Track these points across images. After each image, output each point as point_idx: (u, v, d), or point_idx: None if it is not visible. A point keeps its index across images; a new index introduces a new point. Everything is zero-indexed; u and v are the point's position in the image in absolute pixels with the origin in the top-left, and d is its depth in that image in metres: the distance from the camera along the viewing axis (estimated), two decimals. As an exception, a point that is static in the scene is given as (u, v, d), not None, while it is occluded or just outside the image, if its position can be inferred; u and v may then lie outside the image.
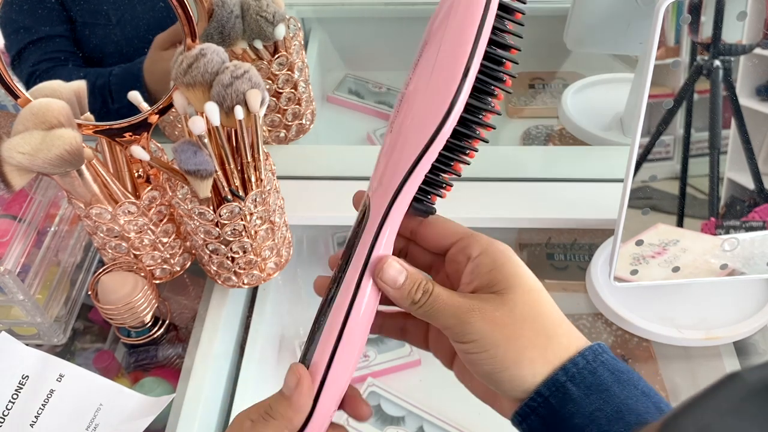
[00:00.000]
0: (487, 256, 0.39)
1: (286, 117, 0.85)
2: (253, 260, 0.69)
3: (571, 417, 0.36)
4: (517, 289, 0.38)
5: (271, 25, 0.73)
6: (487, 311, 0.37)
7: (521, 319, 0.37)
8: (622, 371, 0.37)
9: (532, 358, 0.37)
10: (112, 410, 0.65)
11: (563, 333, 0.38)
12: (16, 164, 0.54)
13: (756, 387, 0.25)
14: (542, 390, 0.36)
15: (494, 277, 0.38)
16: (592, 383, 0.36)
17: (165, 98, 0.64)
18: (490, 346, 0.37)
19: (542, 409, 0.36)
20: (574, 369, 0.36)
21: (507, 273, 0.38)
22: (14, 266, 0.65)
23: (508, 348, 0.36)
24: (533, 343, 0.37)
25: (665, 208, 0.65)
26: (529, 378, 0.37)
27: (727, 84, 0.60)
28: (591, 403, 0.35)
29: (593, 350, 0.37)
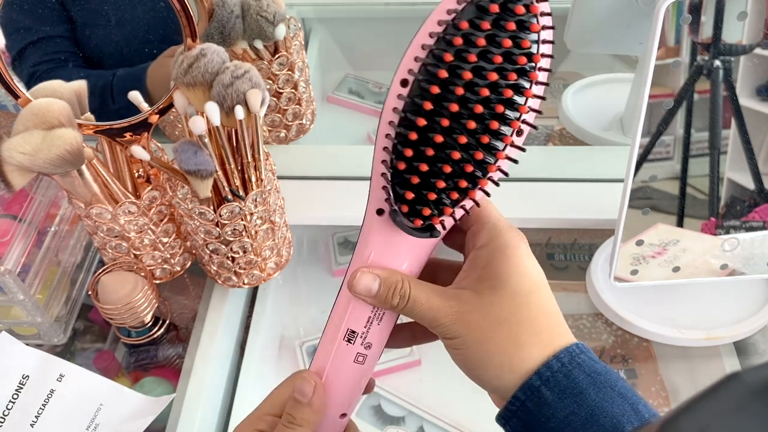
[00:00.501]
0: (485, 250, 0.39)
1: (286, 117, 0.85)
2: (253, 260, 0.69)
3: (547, 421, 0.36)
4: (500, 291, 0.38)
5: (272, 25, 0.73)
6: (463, 313, 0.38)
7: (495, 324, 0.37)
8: (599, 373, 0.37)
9: (500, 363, 0.37)
10: (112, 410, 0.65)
11: (542, 338, 0.38)
12: (16, 164, 0.54)
13: (756, 387, 0.25)
14: (518, 394, 0.37)
15: (485, 274, 0.38)
16: (567, 387, 0.36)
17: (165, 98, 0.64)
18: (463, 347, 0.38)
19: (521, 412, 0.37)
20: (548, 373, 0.37)
21: (497, 272, 0.38)
22: (14, 266, 0.65)
23: (477, 350, 0.38)
24: (502, 348, 0.37)
25: (665, 208, 0.65)
26: (494, 381, 0.38)
27: (727, 84, 0.60)
28: (565, 407, 0.36)
29: (570, 352, 0.37)
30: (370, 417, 0.74)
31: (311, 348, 0.81)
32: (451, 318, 0.38)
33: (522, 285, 0.38)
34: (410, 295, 0.39)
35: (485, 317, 0.37)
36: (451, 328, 0.38)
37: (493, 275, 0.38)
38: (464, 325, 0.38)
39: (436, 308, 0.38)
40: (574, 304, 0.83)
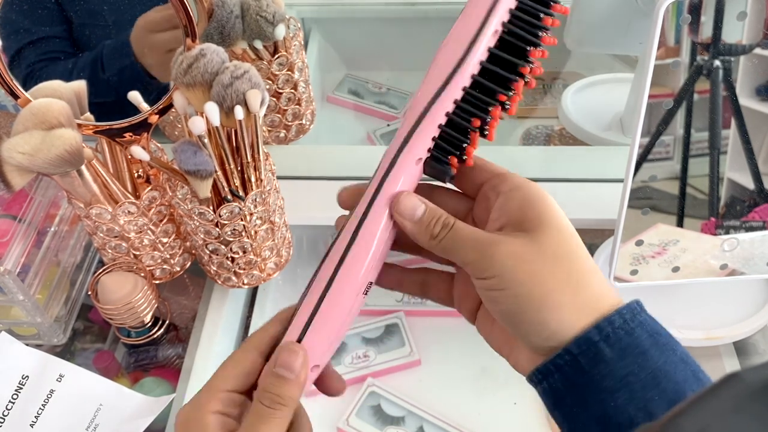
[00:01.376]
0: (518, 191, 0.36)
1: (286, 117, 0.85)
2: (253, 260, 0.69)
3: (601, 379, 0.33)
4: (548, 227, 0.34)
5: (271, 25, 0.73)
6: (513, 245, 0.34)
7: (551, 259, 0.34)
8: (660, 333, 0.34)
9: (560, 302, 0.33)
10: (112, 410, 0.65)
11: (596, 282, 0.35)
12: (16, 164, 0.54)
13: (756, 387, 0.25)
14: (572, 348, 0.33)
15: (524, 214, 0.35)
16: (629, 345, 0.33)
17: (165, 98, 0.64)
18: (514, 284, 0.34)
19: (568, 368, 0.33)
20: (609, 328, 0.33)
21: (539, 210, 0.35)
22: (14, 266, 0.65)
23: (533, 287, 0.33)
24: (562, 286, 0.34)
25: (665, 208, 0.65)
26: (553, 324, 0.33)
27: (727, 84, 0.60)
28: (625, 367, 0.33)
29: (631, 309, 0.34)
30: (370, 417, 0.74)
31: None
32: (499, 249, 0.34)
33: (567, 225, 0.35)
34: (454, 224, 0.36)
35: (539, 252, 0.34)
36: (498, 260, 0.34)
37: (537, 213, 0.35)
38: (515, 258, 0.34)
39: (480, 239, 0.35)
40: (574, 304, 0.83)
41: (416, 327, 0.82)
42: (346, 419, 0.74)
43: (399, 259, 0.43)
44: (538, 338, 0.34)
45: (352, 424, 0.74)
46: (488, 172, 0.38)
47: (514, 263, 0.34)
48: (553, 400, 0.35)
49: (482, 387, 0.77)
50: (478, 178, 0.38)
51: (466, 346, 0.81)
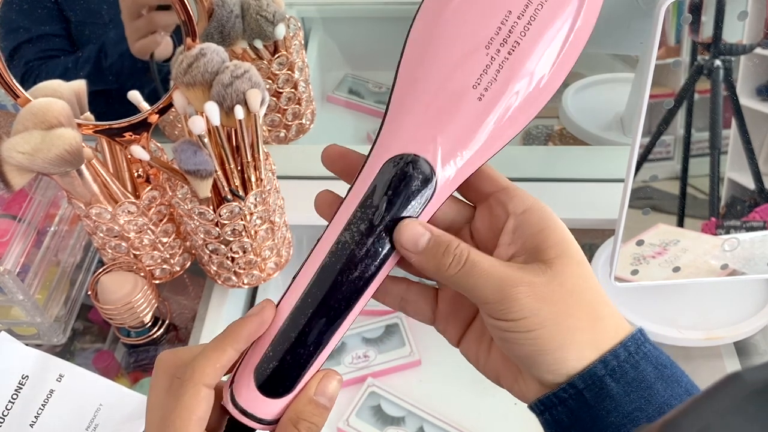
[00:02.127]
0: (533, 215, 0.34)
1: (286, 117, 0.85)
2: (253, 260, 0.69)
3: (606, 414, 0.32)
4: (567, 259, 0.33)
5: (271, 24, 0.73)
6: (537, 286, 0.32)
7: (570, 296, 0.32)
8: (665, 365, 0.33)
9: (581, 341, 0.32)
10: (112, 410, 0.65)
11: (608, 315, 0.33)
12: (15, 164, 0.54)
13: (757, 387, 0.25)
14: (576, 382, 0.32)
15: (542, 242, 0.33)
16: (634, 379, 0.32)
17: (165, 98, 0.64)
18: (536, 326, 0.32)
19: (572, 401, 0.33)
20: (615, 362, 0.32)
21: (557, 238, 0.33)
22: (14, 266, 0.65)
23: (555, 329, 0.32)
24: (582, 324, 0.32)
25: (666, 208, 0.65)
26: (572, 363, 0.32)
27: (727, 84, 0.60)
28: (631, 402, 0.32)
29: (635, 340, 0.33)
30: (370, 417, 0.74)
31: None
32: (524, 291, 0.32)
33: (581, 253, 0.34)
34: (469, 257, 0.33)
35: (560, 289, 0.32)
36: (523, 303, 0.32)
37: (555, 242, 0.33)
38: (540, 300, 0.32)
39: (503, 277, 0.32)
40: (575, 304, 0.83)
41: (416, 327, 0.82)
42: (346, 419, 0.74)
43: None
44: (551, 375, 0.33)
45: (352, 424, 0.73)
46: (495, 185, 0.36)
47: (540, 306, 0.32)
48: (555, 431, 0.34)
49: (482, 387, 0.77)
50: (484, 187, 0.36)
51: (466, 346, 0.81)
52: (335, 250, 0.34)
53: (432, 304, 0.39)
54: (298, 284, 0.35)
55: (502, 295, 0.32)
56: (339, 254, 0.34)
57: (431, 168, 0.33)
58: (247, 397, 0.35)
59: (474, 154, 0.34)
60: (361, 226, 0.34)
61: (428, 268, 0.34)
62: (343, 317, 0.35)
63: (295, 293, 0.35)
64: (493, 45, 0.32)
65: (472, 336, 0.38)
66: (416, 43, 0.34)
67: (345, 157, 0.37)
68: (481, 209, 0.37)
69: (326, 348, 0.35)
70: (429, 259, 0.33)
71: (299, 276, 0.35)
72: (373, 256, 0.34)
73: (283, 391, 0.35)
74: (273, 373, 0.35)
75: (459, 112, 0.33)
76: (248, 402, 0.35)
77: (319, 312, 0.35)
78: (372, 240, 0.34)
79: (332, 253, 0.35)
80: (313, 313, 0.34)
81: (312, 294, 0.35)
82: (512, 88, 0.33)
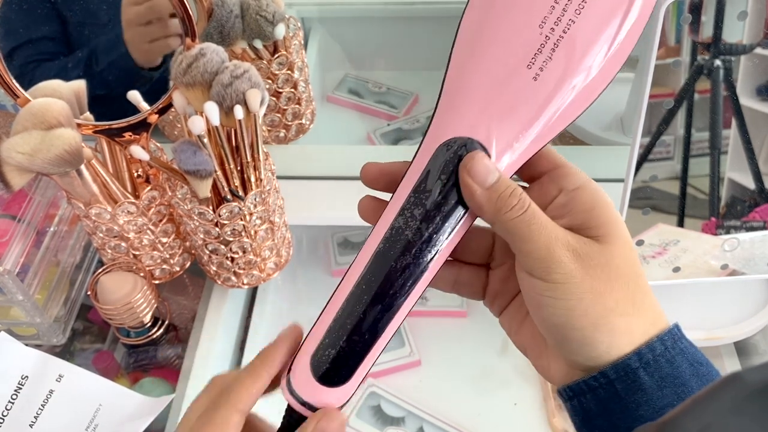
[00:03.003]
0: (585, 192, 0.33)
1: (285, 117, 0.85)
2: (252, 260, 0.69)
3: (636, 407, 0.32)
4: (616, 239, 0.32)
5: (271, 24, 0.73)
6: (584, 256, 0.31)
7: (615, 276, 0.31)
8: (701, 363, 0.32)
9: (615, 325, 0.31)
10: (112, 411, 0.65)
11: (649, 305, 0.32)
12: (15, 164, 0.54)
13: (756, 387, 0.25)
14: (608, 372, 0.32)
15: (592, 219, 0.32)
16: (668, 374, 0.31)
17: (165, 98, 0.64)
18: (573, 296, 0.31)
19: (603, 391, 0.32)
20: (650, 355, 0.31)
21: (607, 218, 0.32)
22: (13, 266, 0.65)
23: (592, 306, 0.31)
24: (621, 307, 0.31)
25: (666, 208, 0.65)
26: (602, 347, 0.31)
27: (727, 84, 0.60)
28: (663, 397, 0.31)
29: (672, 335, 0.32)
30: (370, 417, 0.74)
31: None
32: (570, 256, 0.31)
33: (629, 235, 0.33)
34: (531, 205, 0.32)
35: (606, 267, 0.31)
36: (566, 266, 0.31)
37: (606, 221, 0.32)
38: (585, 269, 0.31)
39: (555, 234, 0.31)
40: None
41: (416, 327, 0.82)
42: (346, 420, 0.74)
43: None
44: (579, 356, 0.32)
45: (352, 424, 0.73)
46: (551, 163, 0.35)
47: (582, 276, 0.31)
48: (582, 418, 0.34)
49: (482, 387, 0.77)
50: (539, 166, 0.35)
51: (466, 346, 0.81)
52: (389, 236, 0.34)
53: (483, 283, 0.39)
54: (353, 271, 0.35)
55: (549, 253, 0.31)
56: (393, 240, 0.34)
57: (486, 151, 0.33)
58: (304, 385, 0.35)
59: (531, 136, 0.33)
60: (414, 211, 0.34)
61: (489, 207, 0.32)
62: (399, 304, 0.34)
63: (350, 281, 0.34)
64: (547, 24, 0.31)
65: (511, 309, 0.38)
66: (468, 26, 0.33)
67: (385, 173, 0.36)
68: (532, 187, 0.36)
69: (383, 336, 0.34)
70: (493, 198, 0.32)
71: (354, 263, 0.35)
72: (427, 241, 0.33)
73: (340, 381, 0.35)
74: (329, 362, 0.34)
75: (513, 93, 0.32)
76: (305, 390, 0.35)
77: (375, 299, 0.34)
78: (426, 225, 0.33)
79: (386, 239, 0.34)
80: (368, 300, 0.34)
81: (367, 281, 0.34)
82: (568, 68, 0.32)
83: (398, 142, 0.99)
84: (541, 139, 0.33)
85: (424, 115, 1.03)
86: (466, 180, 0.32)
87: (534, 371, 0.77)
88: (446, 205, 0.33)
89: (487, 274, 0.39)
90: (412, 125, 1.01)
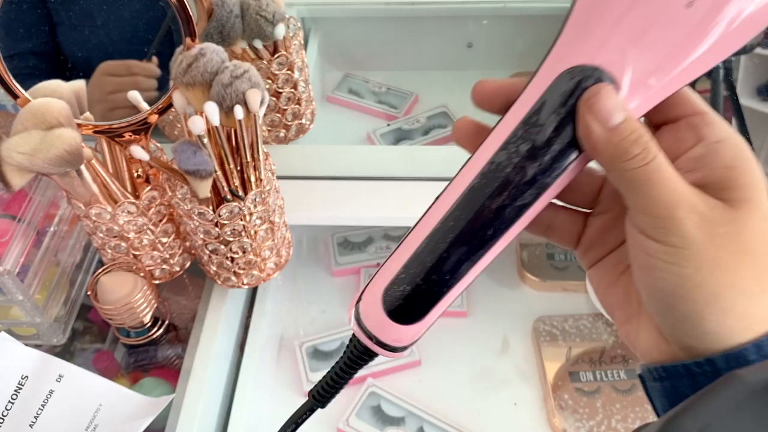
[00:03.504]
0: (728, 147, 0.28)
1: (285, 117, 0.85)
2: (252, 260, 0.69)
3: None
4: (753, 207, 0.28)
5: (271, 24, 0.73)
6: (711, 222, 0.27)
7: (744, 250, 0.27)
8: None
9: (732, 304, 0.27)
10: (112, 411, 0.65)
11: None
12: (15, 164, 0.54)
13: (756, 387, 0.25)
14: (718, 361, 0.27)
15: (731, 179, 0.28)
16: None
17: (165, 98, 0.64)
18: (690, 264, 0.27)
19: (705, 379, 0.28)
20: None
21: (749, 180, 0.28)
22: (13, 266, 0.65)
23: (710, 278, 0.27)
24: (743, 285, 0.27)
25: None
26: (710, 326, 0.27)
27: (727, 84, 0.60)
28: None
29: None
30: (370, 417, 0.74)
31: (311, 348, 0.81)
32: (694, 218, 0.27)
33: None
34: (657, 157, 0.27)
35: (735, 238, 0.27)
36: (686, 231, 0.27)
37: (745, 184, 0.28)
38: (709, 237, 0.27)
39: (679, 193, 0.27)
40: (575, 305, 0.83)
41: (416, 327, 0.82)
42: (346, 420, 0.74)
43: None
44: (679, 331, 0.28)
45: (352, 424, 0.73)
46: (690, 108, 0.30)
47: (705, 244, 0.27)
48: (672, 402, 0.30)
49: (482, 387, 0.77)
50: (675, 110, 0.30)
51: (466, 346, 0.81)
52: (487, 171, 0.30)
53: (579, 230, 0.35)
54: (439, 206, 0.31)
55: (669, 213, 0.27)
56: (491, 177, 0.29)
57: (615, 85, 0.28)
58: (373, 318, 0.32)
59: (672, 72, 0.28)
60: (521, 147, 0.29)
61: (607, 152, 0.28)
62: (487, 248, 0.30)
63: (436, 215, 0.31)
64: None
65: (606, 263, 0.34)
66: None
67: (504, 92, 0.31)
68: (664, 131, 0.31)
69: (463, 280, 0.31)
70: (614, 141, 0.28)
71: (442, 197, 0.31)
72: (529, 183, 0.29)
73: (411, 319, 0.32)
74: (402, 298, 0.31)
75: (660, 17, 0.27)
76: (373, 323, 0.32)
77: (461, 239, 0.30)
78: (532, 164, 0.29)
79: (484, 174, 0.30)
80: (454, 239, 0.30)
81: (455, 217, 0.30)
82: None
83: (398, 142, 0.99)
84: (681, 79, 0.28)
85: (424, 115, 1.03)
86: (585, 117, 0.28)
87: (534, 371, 0.77)
88: (558, 144, 0.29)
89: (586, 221, 0.35)
90: (412, 125, 1.01)
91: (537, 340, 0.79)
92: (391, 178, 0.82)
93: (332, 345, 0.81)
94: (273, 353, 0.81)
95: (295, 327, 0.85)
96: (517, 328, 0.82)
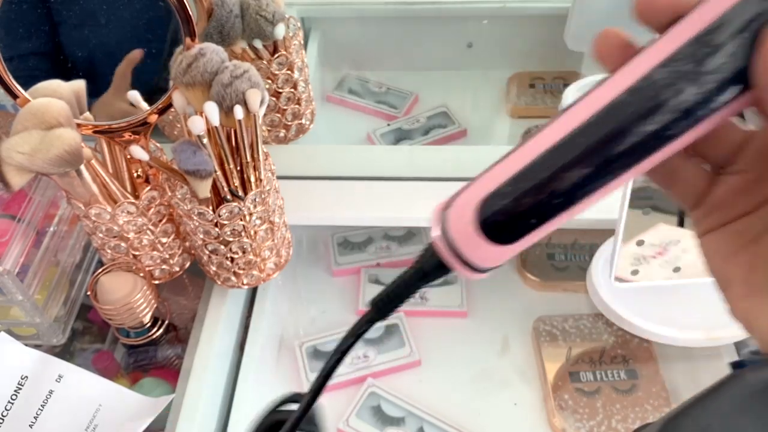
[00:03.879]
0: None
1: (285, 117, 0.85)
2: (252, 260, 0.68)
3: None
4: None
5: (271, 24, 0.73)
6: None
7: None
8: None
9: None
10: (112, 411, 0.65)
11: None
12: (15, 164, 0.53)
13: (757, 387, 0.25)
14: None
15: None
16: None
17: (164, 98, 0.64)
18: None
19: None
20: None
21: None
22: (13, 266, 0.65)
23: None
24: None
25: (666, 209, 0.65)
26: None
27: (727, 83, 0.59)
28: None
29: None
30: (370, 417, 0.74)
31: (310, 348, 0.81)
32: None
33: None
34: None
35: None
36: None
37: None
38: None
39: None
40: (575, 305, 0.83)
41: (416, 327, 0.82)
42: (345, 420, 0.74)
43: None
44: None
45: (352, 424, 0.73)
46: None
47: None
48: None
49: (482, 387, 0.77)
50: None
51: (466, 346, 0.81)
52: (639, 87, 0.26)
53: (702, 188, 0.30)
54: (568, 118, 0.27)
55: None
56: (642, 95, 0.26)
57: None
58: (461, 231, 0.29)
59: None
60: (685, 67, 0.25)
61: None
62: (613, 176, 0.27)
63: (561, 128, 0.27)
64: None
65: (731, 229, 0.29)
66: None
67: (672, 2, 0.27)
68: None
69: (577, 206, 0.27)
70: None
71: (573, 108, 0.27)
72: (685, 112, 0.25)
73: (506, 239, 0.28)
74: (503, 213, 0.28)
75: None
76: (460, 237, 0.29)
77: (588, 158, 0.26)
78: (694, 89, 0.25)
79: (633, 90, 0.26)
80: (580, 157, 0.26)
81: (587, 133, 0.26)
82: None
83: (398, 142, 0.99)
84: None
85: (424, 115, 1.03)
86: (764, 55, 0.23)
87: (534, 371, 0.77)
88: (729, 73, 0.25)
89: (714, 178, 0.30)
90: (412, 125, 1.01)
91: (537, 340, 0.79)
92: (391, 178, 0.82)
93: (332, 345, 0.81)
94: (273, 353, 0.81)
95: (295, 327, 0.85)
96: (517, 328, 0.82)
